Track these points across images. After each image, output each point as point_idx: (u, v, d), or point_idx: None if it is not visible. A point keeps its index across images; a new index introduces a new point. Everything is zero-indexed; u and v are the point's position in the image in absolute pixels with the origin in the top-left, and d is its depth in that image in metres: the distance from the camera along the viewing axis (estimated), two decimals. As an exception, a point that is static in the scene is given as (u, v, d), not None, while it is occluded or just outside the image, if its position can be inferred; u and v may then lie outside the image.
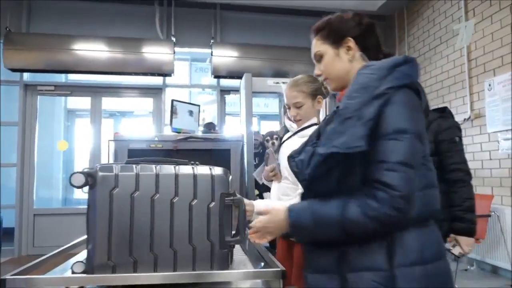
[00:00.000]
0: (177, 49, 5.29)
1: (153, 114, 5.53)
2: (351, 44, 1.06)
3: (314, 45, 1.13)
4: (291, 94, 1.74)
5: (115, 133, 2.55)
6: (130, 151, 2.53)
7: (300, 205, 0.97)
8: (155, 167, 1.06)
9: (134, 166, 1.06)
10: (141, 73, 5.18)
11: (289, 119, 1.81)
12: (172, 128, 2.88)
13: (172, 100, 2.96)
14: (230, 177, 1.13)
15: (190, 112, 2.83)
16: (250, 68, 5.19)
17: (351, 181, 0.89)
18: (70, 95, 5.54)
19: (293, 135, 1.75)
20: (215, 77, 5.46)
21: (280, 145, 1.85)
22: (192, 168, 1.08)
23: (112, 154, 2.49)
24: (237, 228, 1.11)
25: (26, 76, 5.21)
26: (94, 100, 5.37)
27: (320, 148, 0.87)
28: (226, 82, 5.73)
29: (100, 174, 1.03)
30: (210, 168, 1.10)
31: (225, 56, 5.31)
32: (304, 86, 1.73)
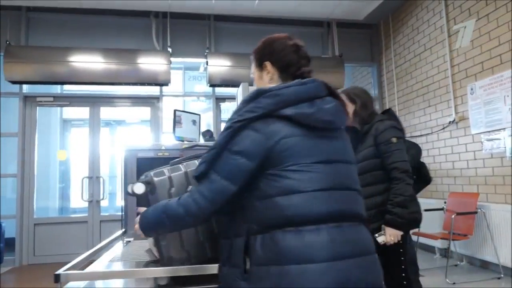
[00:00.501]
0: (173, 59, 5.45)
1: (151, 123, 5.66)
2: (269, 67, 1.21)
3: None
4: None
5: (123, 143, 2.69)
6: (139, 160, 2.67)
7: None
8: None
9: (181, 165, 1.23)
10: (139, 83, 5.32)
11: None
12: (176, 137, 3.04)
13: (175, 110, 3.12)
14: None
15: (194, 122, 2.99)
16: (244, 77, 5.36)
17: None
18: (69, 106, 5.65)
19: None
20: (211, 86, 5.63)
21: None
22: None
23: (123, 163, 2.62)
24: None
25: (25, 88, 5.30)
26: (93, 110, 5.48)
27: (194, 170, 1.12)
28: (221, 90, 5.90)
29: (157, 179, 1.19)
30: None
31: (220, 66, 5.48)
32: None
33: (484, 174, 4.14)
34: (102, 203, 5.49)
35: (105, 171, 6.11)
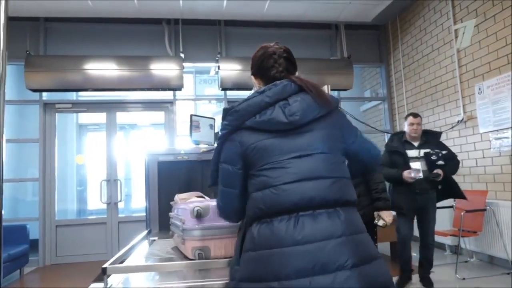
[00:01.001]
0: (185, 64, 5.62)
1: (165, 126, 5.84)
2: (255, 80, 1.38)
3: None
4: None
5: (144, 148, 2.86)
6: (160, 163, 2.83)
7: None
8: None
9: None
10: (153, 89, 5.50)
11: None
12: (193, 141, 3.19)
13: (191, 115, 3.26)
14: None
15: (211, 126, 3.14)
16: (254, 80, 5.52)
17: None
18: (86, 112, 5.87)
19: None
20: (223, 90, 5.78)
21: None
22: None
23: (146, 166, 2.78)
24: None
25: (45, 95, 5.52)
26: (109, 115, 5.67)
27: None
28: (232, 93, 6.05)
29: None
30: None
31: (231, 70, 5.63)
32: None
33: (493, 172, 4.22)
34: (119, 205, 5.68)
35: (121, 174, 6.30)
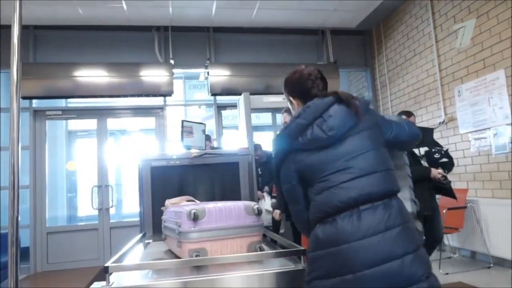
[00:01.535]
0: (175, 70, 5.71)
1: (156, 132, 5.91)
2: (293, 100, 1.51)
3: None
4: None
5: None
6: (153, 168, 2.92)
7: None
8: None
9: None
10: (144, 95, 5.58)
11: None
12: (184, 146, 3.28)
13: (182, 121, 3.36)
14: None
15: (203, 131, 3.24)
16: (243, 85, 5.64)
17: None
18: (77, 118, 5.90)
19: None
20: (212, 95, 5.88)
21: None
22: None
23: (139, 172, 2.86)
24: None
25: (35, 103, 5.55)
26: (100, 122, 5.72)
27: None
28: (222, 98, 6.16)
29: None
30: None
31: (220, 76, 5.74)
32: None
33: (473, 171, 4.41)
34: (110, 211, 5.72)
35: (111, 180, 6.34)
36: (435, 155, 3.37)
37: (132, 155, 6.71)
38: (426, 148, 3.43)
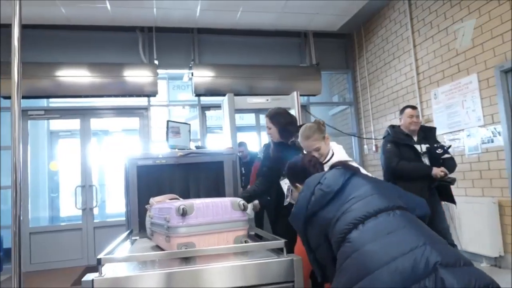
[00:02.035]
0: (159, 71, 5.74)
1: (140, 132, 5.93)
2: (298, 184, 1.74)
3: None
4: (310, 144, 2.26)
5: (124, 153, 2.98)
6: (139, 167, 2.97)
7: None
8: None
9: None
10: (128, 95, 5.60)
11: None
12: (169, 146, 3.34)
13: (168, 121, 3.42)
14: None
15: (189, 132, 3.31)
16: (227, 86, 5.73)
17: None
18: (60, 118, 5.86)
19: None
20: (196, 96, 5.94)
21: None
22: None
23: (125, 171, 2.91)
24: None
25: (16, 102, 5.48)
26: (83, 122, 5.70)
27: None
28: (206, 99, 6.22)
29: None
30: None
31: (204, 76, 5.81)
32: (316, 134, 2.26)
33: (448, 171, 4.60)
34: (94, 211, 5.71)
35: (95, 180, 6.32)
36: (438, 150, 3.30)
37: (116, 156, 6.70)
38: (427, 145, 3.39)
